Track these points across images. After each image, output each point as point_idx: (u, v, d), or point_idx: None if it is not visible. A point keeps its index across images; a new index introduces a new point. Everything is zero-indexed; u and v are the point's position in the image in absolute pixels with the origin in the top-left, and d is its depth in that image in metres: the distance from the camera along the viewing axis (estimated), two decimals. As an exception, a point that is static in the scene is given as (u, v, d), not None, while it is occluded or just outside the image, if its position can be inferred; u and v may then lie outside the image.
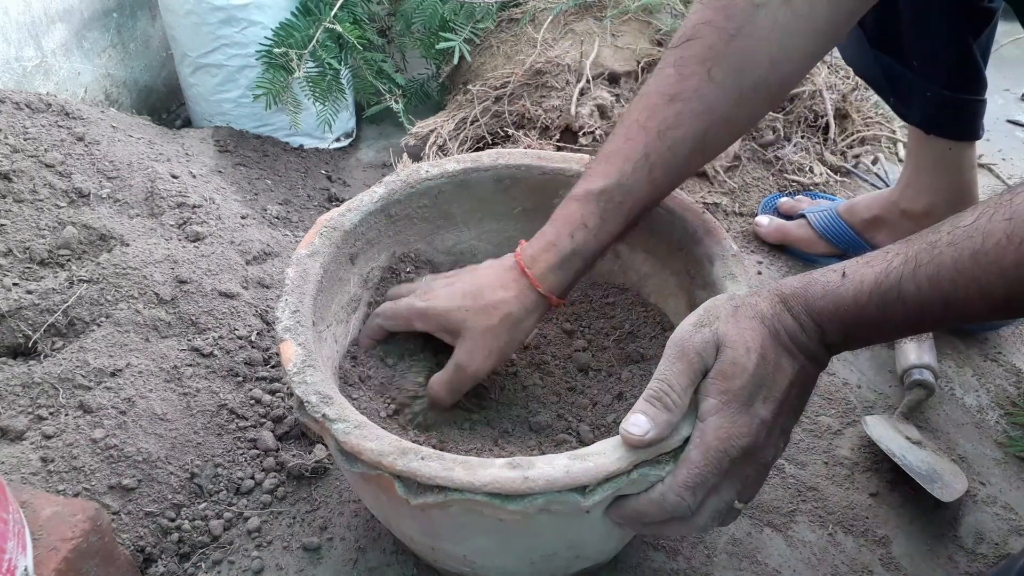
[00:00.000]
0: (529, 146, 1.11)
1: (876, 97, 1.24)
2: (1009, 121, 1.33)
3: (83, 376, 0.73)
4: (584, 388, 0.70)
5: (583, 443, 0.64)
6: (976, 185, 0.88)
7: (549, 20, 1.22)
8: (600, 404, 0.70)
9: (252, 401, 0.77)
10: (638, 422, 0.49)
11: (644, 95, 0.60)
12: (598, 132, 1.12)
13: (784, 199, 1.05)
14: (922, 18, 0.79)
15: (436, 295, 0.64)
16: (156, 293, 0.80)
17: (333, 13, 1.16)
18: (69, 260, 0.83)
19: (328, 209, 0.98)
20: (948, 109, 0.82)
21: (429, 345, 0.68)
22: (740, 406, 0.49)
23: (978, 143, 0.87)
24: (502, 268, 0.63)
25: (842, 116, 1.19)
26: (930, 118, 0.84)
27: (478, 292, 0.62)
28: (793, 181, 1.11)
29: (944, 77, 0.81)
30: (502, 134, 1.16)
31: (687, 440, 0.50)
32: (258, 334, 0.83)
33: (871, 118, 1.21)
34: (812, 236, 0.98)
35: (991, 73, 0.82)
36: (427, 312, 0.63)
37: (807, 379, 0.52)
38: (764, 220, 1.02)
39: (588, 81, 1.16)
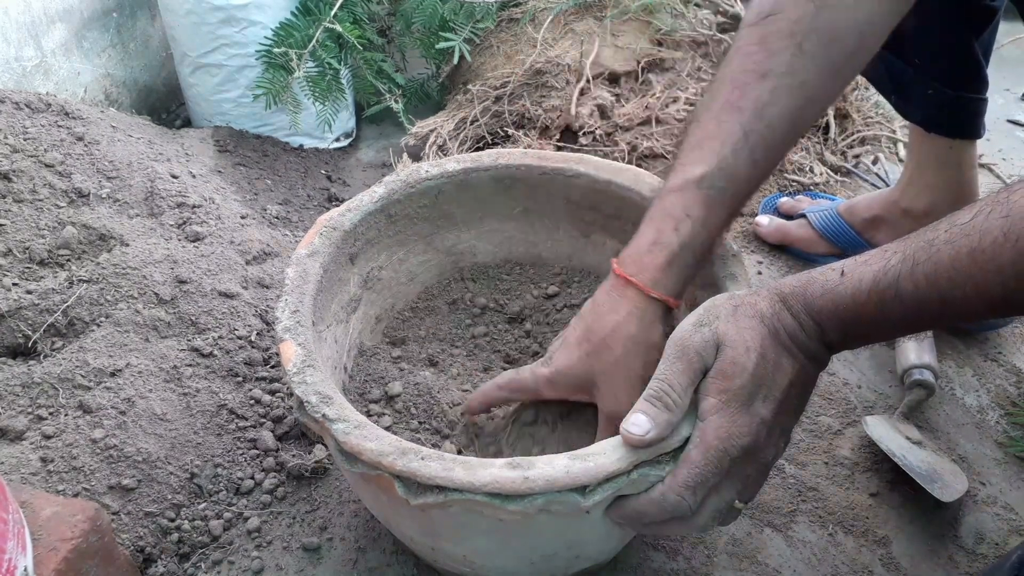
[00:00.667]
0: (529, 146, 1.11)
1: (876, 97, 1.24)
2: (1009, 121, 1.33)
3: (83, 376, 0.73)
4: None
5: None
6: (977, 184, 0.88)
7: (549, 20, 1.22)
8: None
9: (252, 401, 0.77)
10: (638, 422, 0.49)
11: (727, 77, 0.57)
12: (598, 132, 1.12)
13: (784, 199, 1.05)
14: (924, 16, 0.78)
15: (556, 357, 0.59)
16: (156, 293, 0.80)
17: (333, 13, 1.16)
18: (69, 260, 0.83)
19: (328, 209, 0.98)
20: (949, 107, 0.82)
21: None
22: (740, 405, 0.49)
23: (979, 143, 0.87)
24: (606, 290, 0.58)
25: (842, 116, 1.19)
26: (931, 116, 0.84)
27: (591, 330, 0.58)
28: (793, 181, 1.11)
29: (945, 75, 0.81)
30: (502, 134, 1.16)
31: (687, 440, 0.50)
32: (258, 334, 0.82)
33: (871, 118, 1.21)
34: (812, 236, 0.98)
35: (992, 73, 0.82)
36: (554, 377, 0.58)
37: (807, 378, 0.51)
38: (764, 220, 1.02)
39: (588, 81, 1.16)
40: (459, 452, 0.64)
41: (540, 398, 0.61)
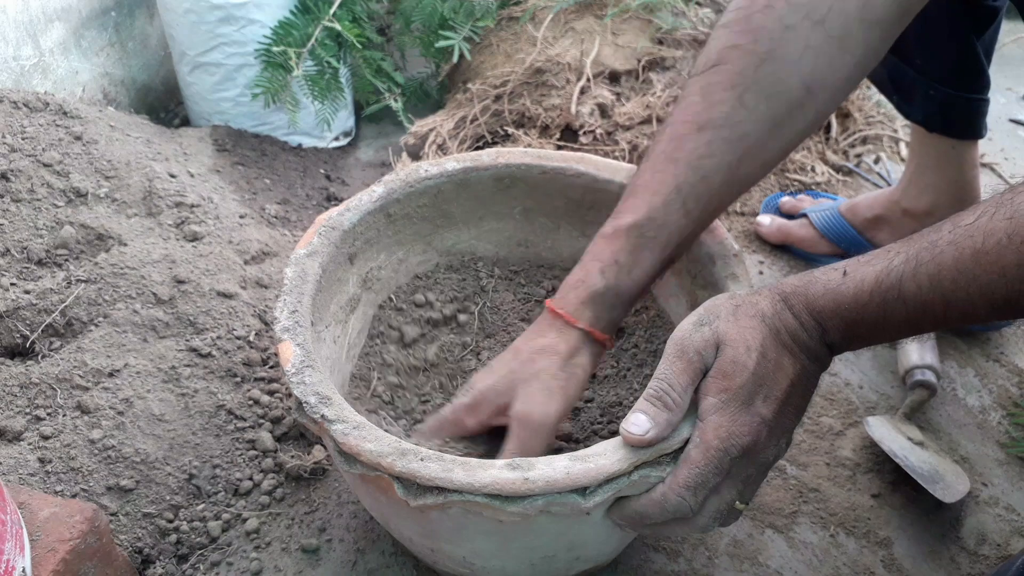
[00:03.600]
0: (529, 145, 1.11)
1: (878, 96, 1.24)
2: (1011, 120, 1.33)
3: (81, 376, 0.73)
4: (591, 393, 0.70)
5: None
6: (979, 184, 0.88)
7: (549, 18, 1.22)
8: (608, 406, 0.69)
9: (250, 402, 0.77)
10: (638, 421, 0.49)
11: (669, 125, 0.58)
12: (598, 131, 1.11)
13: (786, 198, 1.04)
14: (926, 17, 0.78)
15: (476, 380, 0.59)
16: (154, 293, 0.80)
17: (332, 11, 1.15)
18: (67, 260, 0.83)
19: (327, 208, 0.98)
20: (951, 108, 0.82)
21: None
22: (740, 405, 0.49)
23: (980, 142, 0.86)
24: (535, 324, 0.60)
25: (844, 115, 1.19)
26: (933, 117, 0.84)
27: (518, 350, 0.59)
28: (795, 180, 1.11)
29: (947, 76, 0.81)
30: (502, 133, 1.15)
31: (688, 440, 0.50)
32: (256, 334, 0.82)
33: (873, 117, 1.20)
34: (814, 235, 0.97)
35: (993, 72, 0.82)
36: (475, 401, 0.58)
37: (809, 378, 0.51)
38: (765, 220, 1.02)
39: (588, 80, 1.16)
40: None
41: (463, 431, 0.59)
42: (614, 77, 1.20)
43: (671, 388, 0.49)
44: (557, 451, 0.67)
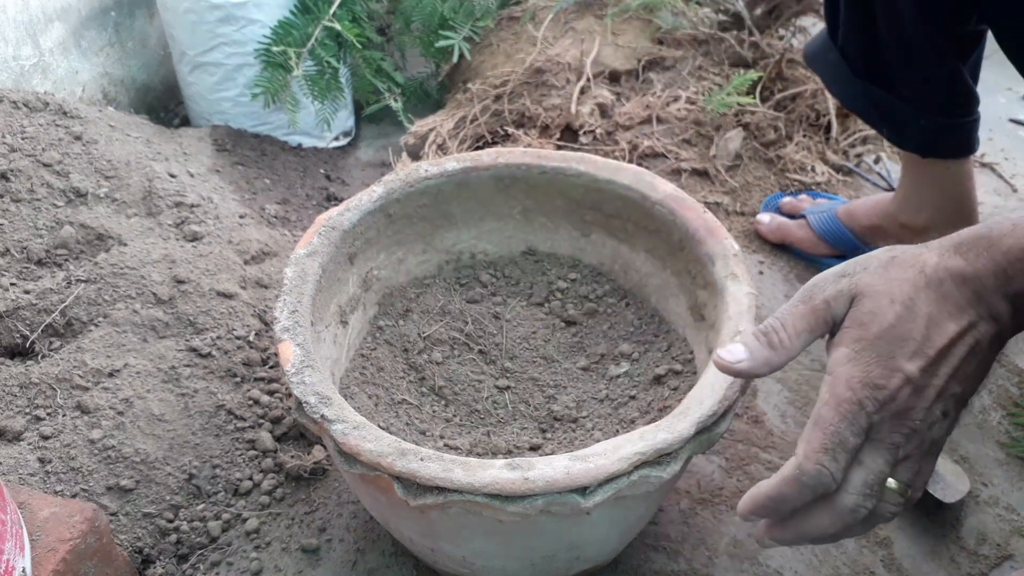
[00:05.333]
0: (529, 145, 1.11)
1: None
2: (1011, 120, 1.33)
3: (81, 376, 0.73)
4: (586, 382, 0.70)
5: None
6: (975, 194, 0.88)
7: (549, 18, 1.22)
8: (605, 399, 0.69)
9: (250, 402, 0.77)
10: (734, 350, 0.45)
11: None
12: (598, 131, 1.11)
13: (787, 199, 1.04)
14: (907, 48, 0.76)
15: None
16: (154, 293, 0.80)
17: (332, 11, 1.15)
18: (67, 260, 0.83)
19: (327, 208, 0.98)
20: (944, 134, 0.81)
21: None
22: (876, 356, 0.42)
23: (980, 142, 0.86)
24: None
25: (844, 115, 1.19)
26: (927, 144, 0.83)
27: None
28: (795, 180, 1.11)
29: (937, 104, 0.79)
30: (502, 133, 1.15)
31: (688, 440, 0.50)
32: (256, 334, 0.82)
33: (872, 117, 1.20)
34: (812, 237, 0.97)
35: (992, 73, 0.82)
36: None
37: (979, 339, 0.43)
38: (765, 218, 1.02)
39: (589, 80, 1.16)
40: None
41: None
42: (614, 77, 1.20)
43: (782, 327, 0.44)
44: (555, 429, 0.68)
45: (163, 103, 1.36)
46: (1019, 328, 0.44)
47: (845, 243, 0.95)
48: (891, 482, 0.44)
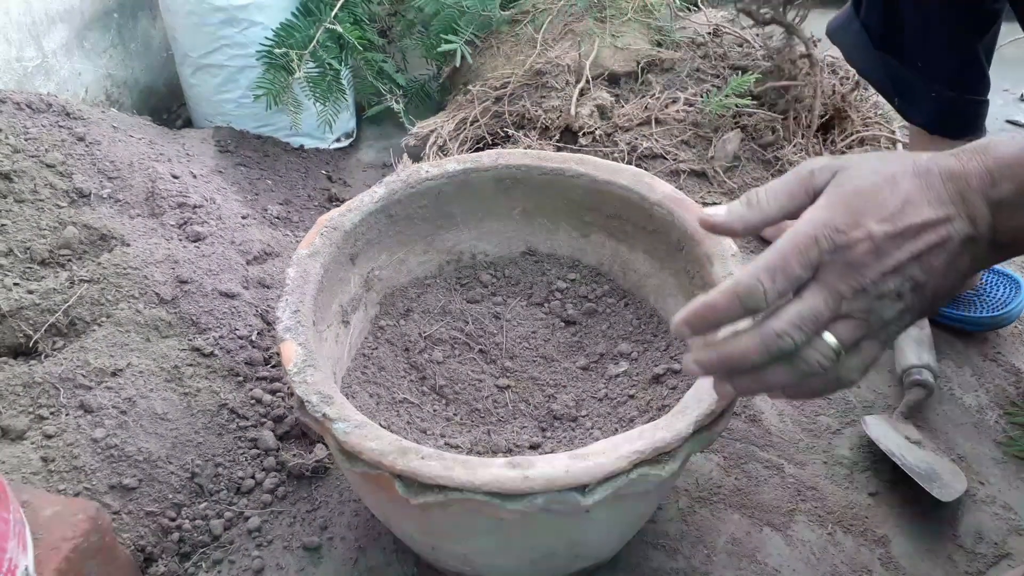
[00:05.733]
0: (529, 146, 1.11)
1: (876, 97, 1.24)
2: (1009, 121, 1.33)
3: (84, 376, 0.73)
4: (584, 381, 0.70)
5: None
6: None
7: (549, 21, 1.22)
8: (605, 399, 0.70)
9: (253, 401, 0.77)
10: (716, 210, 0.46)
11: None
12: (598, 132, 1.12)
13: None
14: (926, 21, 0.78)
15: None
16: (157, 293, 0.80)
17: (334, 13, 1.16)
18: (70, 260, 0.83)
19: (328, 209, 0.98)
20: (952, 110, 0.82)
21: None
22: (846, 208, 0.42)
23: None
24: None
25: (841, 117, 1.19)
26: (934, 119, 0.84)
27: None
28: (793, 181, 1.11)
29: (949, 78, 0.81)
30: (502, 134, 1.16)
31: (687, 439, 0.50)
32: (259, 334, 0.83)
33: (870, 118, 1.21)
34: None
35: (991, 73, 0.82)
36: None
37: (951, 234, 0.42)
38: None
39: (588, 81, 1.16)
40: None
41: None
42: (613, 79, 1.21)
43: (762, 190, 0.44)
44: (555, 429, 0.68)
45: (166, 105, 1.37)
46: (995, 249, 0.43)
47: None
48: (828, 336, 0.43)
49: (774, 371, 0.45)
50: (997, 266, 0.94)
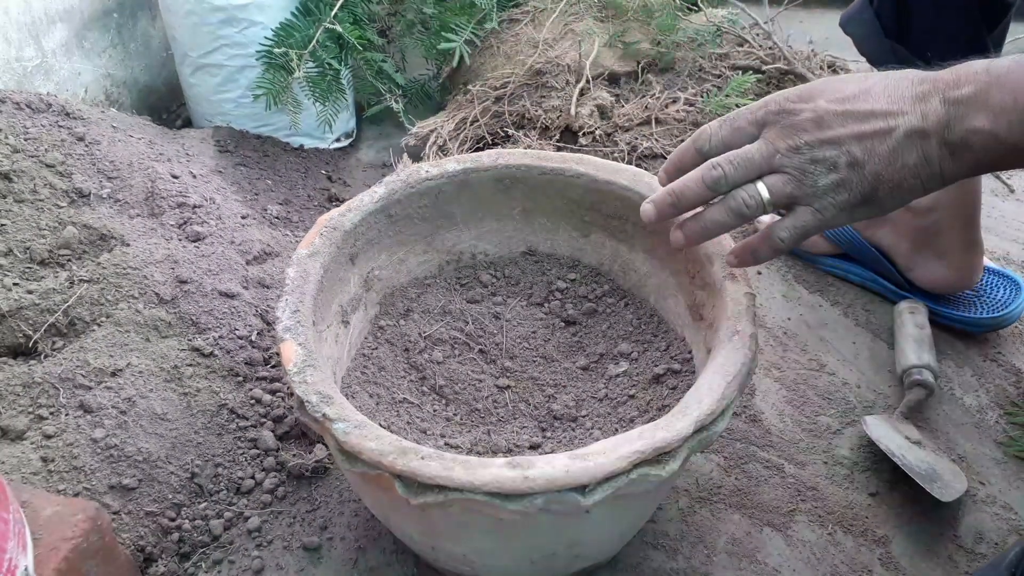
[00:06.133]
0: (529, 146, 1.11)
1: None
2: (1009, 121, 1.34)
3: (83, 376, 0.73)
4: (583, 382, 0.70)
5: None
6: (980, 181, 0.88)
7: (550, 21, 1.22)
8: (605, 399, 0.70)
9: (252, 401, 0.77)
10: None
11: None
12: (598, 132, 1.12)
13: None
14: (939, 10, 0.79)
15: None
16: (156, 293, 0.80)
17: (333, 13, 1.16)
18: (69, 260, 0.83)
19: (328, 209, 0.98)
20: None
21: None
22: (804, 89, 0.47)
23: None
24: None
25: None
26: None
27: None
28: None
29: None
30: (502, 134, 1.16)
31: (687, 439, 0.50)
32: (258, 334, 0.83)
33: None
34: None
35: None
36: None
37: (898, 125, 0.45)
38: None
39: (588, 81, 1.16)
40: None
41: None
42: (613, 79, 1.21)
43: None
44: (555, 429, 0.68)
45: (165, 104, 1.37)
46: (946, 147, 0.46)
47: (846, 239, 0.95)
48: (759, 183, 0.48)
49: (712, 209, 0.51)
50: (997, 267, 0.94)
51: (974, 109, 0.45)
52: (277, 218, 1.04)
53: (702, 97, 1.15)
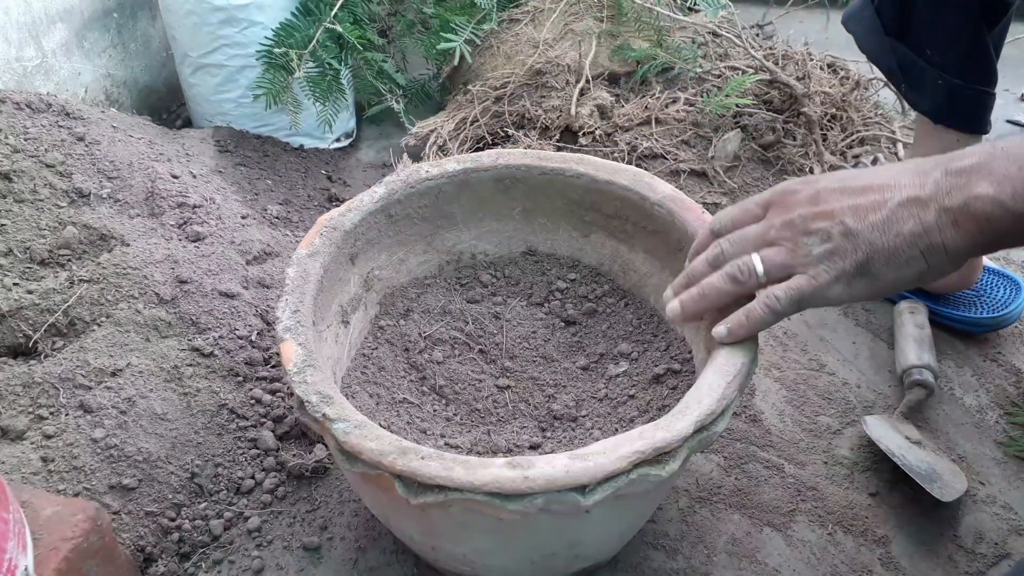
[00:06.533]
0: (529, 146, 1.11)
1: (876, 97, 1.24)
2: (1008, 121, 1.33)
3: (83, 376, 0.73)
4: (584, 382, 0.70)
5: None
6: None
7: (550, 21, 1.22)
8: (604, 399, 0.70)
9: (252, 401, 0.77)
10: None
11: None
12: (598, 132, 1.12)
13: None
14: (940, 7, 0.80)
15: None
16: (156, 293, 0.80)
17: (333, 13, 1.16)
18: (69, 260, 0.83)
19: (328, 209, 0.98)
20: (958, 98, 0.83)
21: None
22: (812, 178, 0.51)
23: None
24: None
25: (841, 116, 1.19)
26: (940, 107, 0.84)
27: None
28: (793, 181, 1.11)
29: (956, 66, 0.81)
30: (502, 134, 1.16)
31: (687, 439, 0.50)
32: (258, 334, 0.83)
33: (870, 118, 1.21)
34: None
35: (992, 72, 0.83)
36: None
37: (889, 200, 0.47)
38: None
39: (588, 81, 1.16)
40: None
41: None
42: (613, 79, 1.21)
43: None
44: (555, 429, 0.68)
45: (165, 104, 1.37)
46: (945, 213, 0.46)
47: None
48: (755, 255, 0.52)
49: (710, 276, 0.55)
50: (997, 267, 0.94)
51: (976, 177, 0.44)
52: (277, 218, 1.04)
53: (702, 97, 1.15)
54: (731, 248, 0.54)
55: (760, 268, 0.52)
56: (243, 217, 0.98)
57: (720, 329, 0.55)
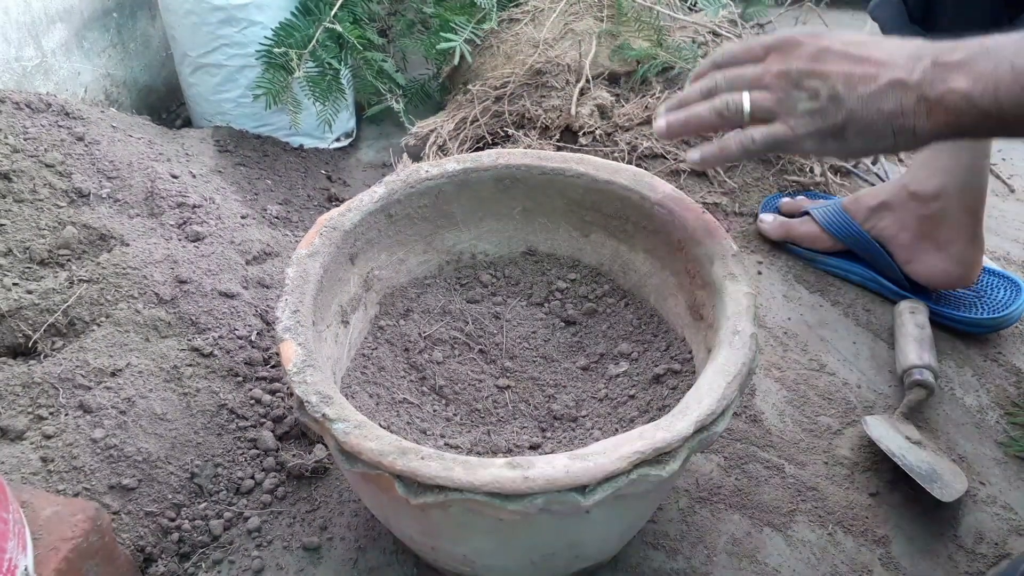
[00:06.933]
0: (529, 146, 1.11)
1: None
2: None
3: (83, 376, 0.73)
4: (584, 381, 0.70)
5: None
6: (987, 172, 0.88)
7: (550, 21, 1.22)
8: (605, 399, 0.70)
9: (252, 401, 0.77)
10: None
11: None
12: (598, 132, 1.12)
13: (786, 199, 1.05)
14: None
15: None
16: (156, 293, 0.80)
17: (333, 13, 1.16)
18: (69, 260, 0.83)
19: (328, 209, 0.98)
20: None
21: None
22: (818, 31, 0.53)
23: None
24: None
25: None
26: None
27: None
28: (793, 181, 1.11)
29: None
30: (502, 134, 1.16)
31: (687, 439, 0.50)
32: (258, 334, 0.83)
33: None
34: (816, 231, 0.97)
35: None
36: None
37: (879, 76, 0.50)
38: (768, 217, 1.02)
39: (588, 81, 1.16)
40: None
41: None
42: (613, 78, 1.21)
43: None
44: (555, 428, 0.68)
45: (165, 104, 1.37)
46: (923, 102, 0.48)
47: (848, 232, 0.94)
48: (744, 94, 0.54)
49: (698, 104, 0.58)
50: (997, 268, 0.94)
51: (958, 72, 0.48)
52: (277, 218, 1.04)
53: (702, 97, 1.15)
54: (725, 84, 0.57)
55: (747, 108, 0.55)
56: (243, 217, 0.98)
57: (693, 155, 0.59)
